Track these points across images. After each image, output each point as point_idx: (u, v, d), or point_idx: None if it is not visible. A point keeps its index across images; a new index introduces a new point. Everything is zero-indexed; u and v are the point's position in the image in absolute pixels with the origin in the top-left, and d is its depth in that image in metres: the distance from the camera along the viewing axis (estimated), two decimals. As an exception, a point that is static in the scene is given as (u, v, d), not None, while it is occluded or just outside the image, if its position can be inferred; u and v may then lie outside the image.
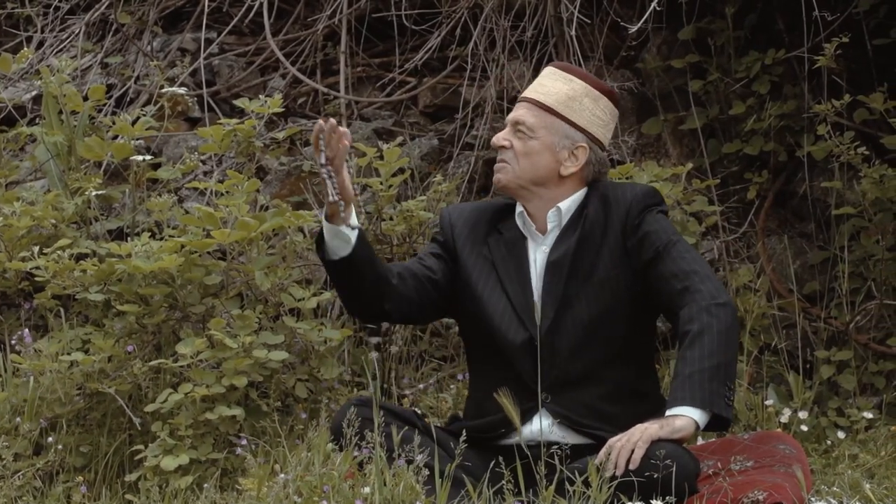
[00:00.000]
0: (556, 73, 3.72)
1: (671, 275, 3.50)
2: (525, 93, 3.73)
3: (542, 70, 3.79)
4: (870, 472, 3.95)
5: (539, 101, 3.67)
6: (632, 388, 3.60)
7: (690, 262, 3.51)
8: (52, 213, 4.59)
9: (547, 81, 3.71)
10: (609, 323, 3.58)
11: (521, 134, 3.65)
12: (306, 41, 5.81)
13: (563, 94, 3.67)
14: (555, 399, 3.54)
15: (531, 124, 3.64)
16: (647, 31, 5.19)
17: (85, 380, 4.22)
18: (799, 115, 5.05)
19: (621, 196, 3.64)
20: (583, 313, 3.57)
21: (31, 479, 4.08)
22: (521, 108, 3.68)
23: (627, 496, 3.20)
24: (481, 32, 5.36)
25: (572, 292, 3.58)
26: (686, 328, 3.40)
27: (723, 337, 3.37)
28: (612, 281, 3.58)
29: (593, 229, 3.61)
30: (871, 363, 4.63)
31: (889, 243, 4.74)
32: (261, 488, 3.40)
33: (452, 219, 3.77)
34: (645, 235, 3.57)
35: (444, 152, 5.45)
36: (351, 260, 3.53)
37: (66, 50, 6.08)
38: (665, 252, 3.53)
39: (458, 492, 3.33)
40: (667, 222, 3.63)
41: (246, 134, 4.67)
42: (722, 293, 3.45)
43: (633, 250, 3.58)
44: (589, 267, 3.59)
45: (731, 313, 3.42)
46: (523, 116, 3.66)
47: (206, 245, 4.29)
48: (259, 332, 4.24)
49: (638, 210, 3.61)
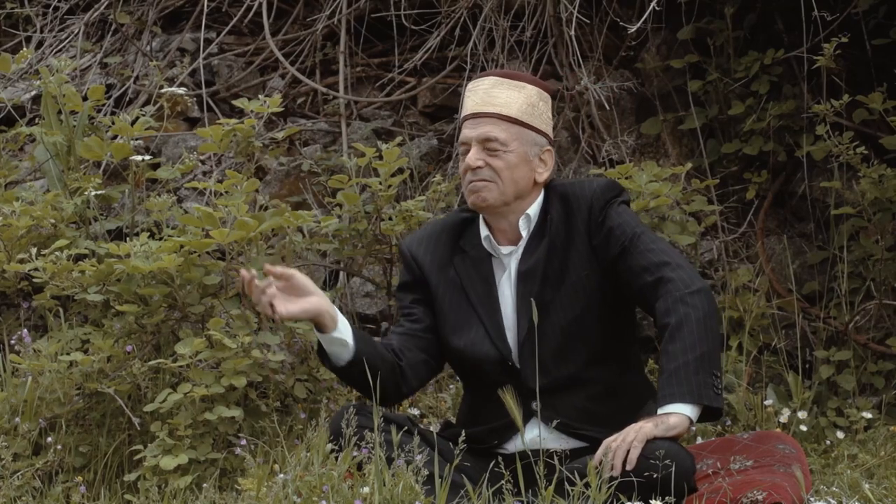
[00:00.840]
0: (504, 82, 3.63)
1: (641, 269, 3.47)
2: (478, 108, 3.61)
3: (475, 83, 3.67)
4: (869, 472, 3.95)
5: (503, 114, 3.58)
6: (619, 383, 3.59)
7: (659, 254, 3.48)
8: (52, 213, 4.59)
9: (498, 92, 3.60)
10: (586, 324, 3.56)
11: (495, 151, 3.57)
12: (305, 41, 5.81)
13: (521, 102, 3.60)
14: (545, 406, 3.51)
15: (503, 139, 3.57)
16: (646, 31, 5.19)
17: (84, 380, 4.22)
18: (798, 115, 5.05)
19: (580, 193, 3.60)
20: (560, 319, 3.55)
21: (31, 479, 4.08)
22: (485, 125, 3.58)
23: (627, 496, 3.20)
24: (480, 32, 5.36)
25: (547, 299, 3.55)
26: (664, 321, 3.38)
27: (702, 325, 3.35)
28: (584, 282, 3.55)
29: (558, 232, 3.59)
30: (871, 363, 4.63)
31: (888, 243, 4.74)
32: (260, 488, 3.40)
33: (413, 252, 3.71)
34: (609, 231, 3.54)
35: (444, 152, 5.45)
36: (355, 361, 3.51)
37: (66, 50, 6.08)
38: (632, 246, 3.50)
39: (457, 494, 3.33)
40: (629, 214, 3.59)
41: (245, 134, 4.67)
42: (696, 279, 3.42)
43: (599, 247, 3.55)
44: (559, 271, 3.57)
45: (706, 299, 3.40)
46: (492, 132, 3.57)
47: (205, 245, 4.29)
48: (258, 332, 4.24)
49: (600, 206, 3.57)
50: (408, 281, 3.72)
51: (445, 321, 3.66)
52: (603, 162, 5.17)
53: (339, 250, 4.69)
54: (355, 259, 4.77)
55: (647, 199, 4.52)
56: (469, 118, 3.62)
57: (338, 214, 4.66)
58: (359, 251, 4.70)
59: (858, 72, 5.11)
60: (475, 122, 3.60)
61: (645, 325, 4.76)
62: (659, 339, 3.44)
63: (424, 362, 3.66)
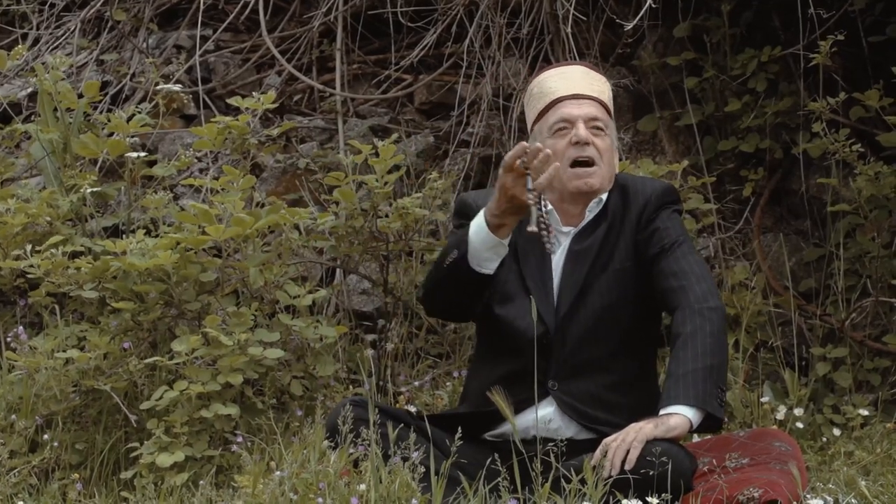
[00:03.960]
0: (592, 73, 3.74)
1: (670, 272, 3.53)
2: (579, 90, 3.67)
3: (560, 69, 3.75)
4: (865, 469, 3.95)
5: (603, 101, 3.68)
6: (635, 379, 3.62)
7: (691, 263, 3.55)
8: (48, 211, 4.59)
9: (592, 80, 3.71)
10: (618, 313, 3.60)
11: (599, 131, 3.64)
12: (302, 38, 5.81)
13: (608, 94, 3.73)
14: (561, 387, 3.56)
15: (605, 122, 3.66)
16: (642, 28, 5.19)
17: (80, 377, 4.22)
18: (794, 112, 5.05)
19: (641, 189, 3.67)
20: (595, 303, 3.60)
21: (27, 477, 4.07)
22: (589, 106, 3.65)
23: (624, 494, 3.20)
24: (477, 29, 5.36)
25: (590, 281, 3.60)
26: (678, 329, 3.43)
27: (714, 339, 3.40)
28: (625, 272, 3.61)
29: (614, 220, 3.65)
30: (867, 360, 4.63)
31: (884, 240, 4.75)
32: (256, 485, 3.40)
33: (479, 204, 3.67)
34: (655, 231, 3.61)
35: (440, 149, 5.45)
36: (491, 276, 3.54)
37: (62, 47, 6.08)
38: (670, 250, 3.57)
39: (454, 489, 3.33)
40: (678, 222, 3.66)
41: (241, 131, 4.66)
42: (714, 297, 3.48)
43: (641, 243, 3.61)
44: (608, 257, 3.62)
45: (721, 317, 3.45)
46: (597, 113, 3.65)
47: (201, 242, 4.29)
48: (254, 329, 4.23)
49: (655, 206, 3.64)
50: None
51: (493, 284, 3.64)
52: (600, 159, 5.16)
53: (336, 247, 4.68)
54: (352, 256, 4.77)
55: (643, 197, 4.52)
56: (568, 98, 3.66)
57: (334, 212, 4.66)
58: (355, 248, 4.69)
59: (855, 69, 5.12)
60: (578, 102, 3.66)
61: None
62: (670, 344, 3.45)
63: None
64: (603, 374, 3.59)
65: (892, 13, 5.05)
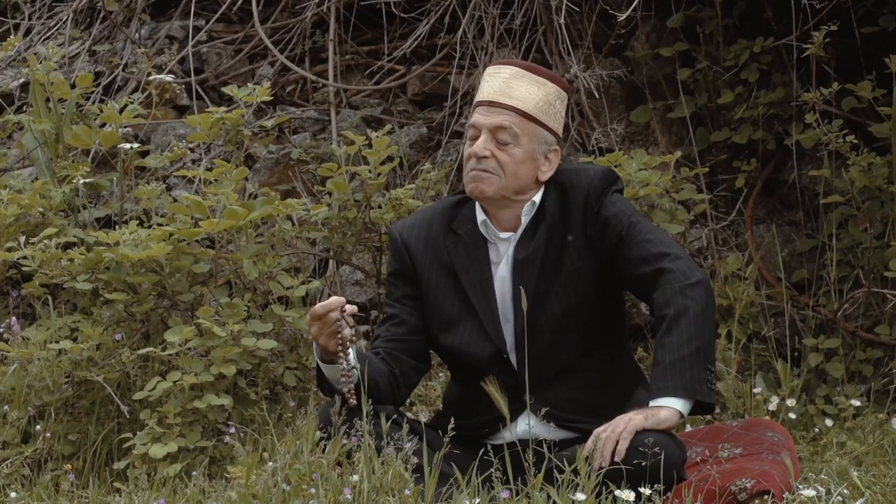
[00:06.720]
0: (526, 76, 3.56)
1: (639, 259, 3.46)
2: (495, 96, 3.54)
3: (496, 68, 3.60)
4: (857, 460, 3.96)
5: (519, 108, 3.52)
6: (610, 371, 3.58)
7: (657, 244, 3.46)
8: (40, 202, 4.59)
9: (518, 84, 3.54)
10: (580, 315, 3.53)
11: (504, 144, 3.52)
12: (295, 29, 5.80)
13: (539, 99, 3.55)
14: (538, 399, 3.49)
15: (515, 133, 3.51)
16: (635, 19, 5.19)
17: (73, 368, 4.22)
18: (787, 103, 5.05)
19: (577, 183, 3.56)
20: (555, 309, 3.53)
21: (19, 468, 4.07)
22: (500, 115, 3.52)
23: (616, 485, 3.20)
24: (470, 20, 5.36)
25: (544, 288, 3.53)
26: (662, 312, 3.37)
27: (699, 319, 3.35)
28: (578, 272, 3.52)
29: (555, 221, 3.55)
30: (859, 351, 4.64)
31: (877, 231, 4.75)
32: (249, 476, 3.40)
33: (403, 238, 3.65)
34: (605, 221, 3.51)
35: (433, 140, 5.45)
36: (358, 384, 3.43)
37: (54, 37, 6.07)
38: (628, 236, 3.48)
39: (446, 483, 3.32)
40: (624, 202, 3.57)
41: (234, 122, 4.66)
42: (694, 271, 3.41)
43: (595, 237, 3.52)
44: (556, 260, 3.54)
45: (705, 291, 3.39)
46: (505, 124, 3.51)
47: (194, 233, 4.29)
48: (247, 320, 4.23)
49: (596, 196, 3.53)
50: (397, 269, 3.67)
51: (436, 314, 3.61)
52: (592, 150, 5.17)
53: (329, 239, 4.68)
54: (345, 247, 4.76)
55: (636, 188, 4.52)
56: (484, 104, 3.56)
57: (327, 203, 4.66)
58: (348, 239, 4.69)
59: (847, 60, 5.12)
60: (490, 110, 3.54)
61: (634, 314, 4.77)
62: (654, 328, 3.43)
63: (414, 367, 3.62)
64: (576, 376, 3.54)
65: (884, 4, 5.05)
